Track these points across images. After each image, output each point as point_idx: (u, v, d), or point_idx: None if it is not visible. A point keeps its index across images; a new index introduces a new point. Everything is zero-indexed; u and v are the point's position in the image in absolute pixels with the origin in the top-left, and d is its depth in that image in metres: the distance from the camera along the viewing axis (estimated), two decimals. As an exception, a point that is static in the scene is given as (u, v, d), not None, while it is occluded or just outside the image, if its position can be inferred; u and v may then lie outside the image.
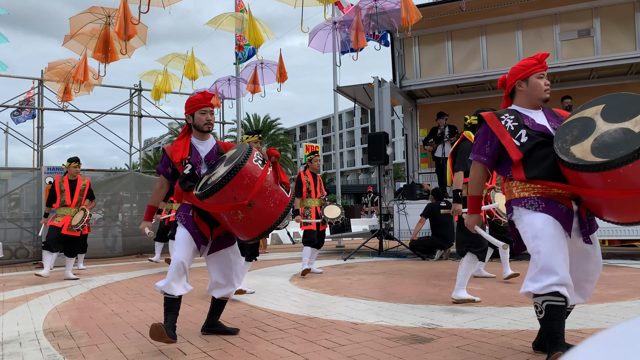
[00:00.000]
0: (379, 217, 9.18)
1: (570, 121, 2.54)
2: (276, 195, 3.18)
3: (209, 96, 3.49)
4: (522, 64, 2.83)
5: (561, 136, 2.49)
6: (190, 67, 11.20)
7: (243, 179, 3.05)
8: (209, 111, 3.45)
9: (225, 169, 3.11)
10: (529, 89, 2.79)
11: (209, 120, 3.44)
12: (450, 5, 9.04)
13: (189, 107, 3.45)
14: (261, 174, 3.12)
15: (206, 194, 3.07)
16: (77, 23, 8.89)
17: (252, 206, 3.07)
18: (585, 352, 0.56)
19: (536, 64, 2.79)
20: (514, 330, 3.43)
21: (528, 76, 2.79)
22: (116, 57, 8.67)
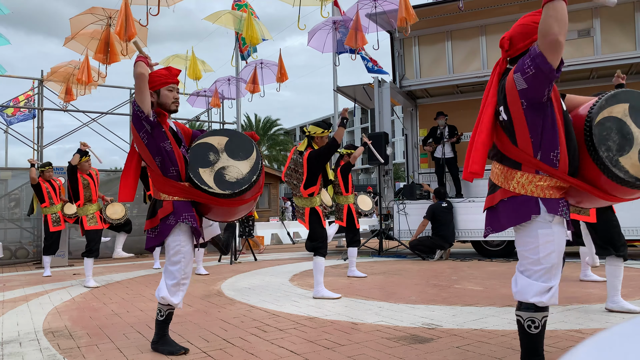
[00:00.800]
0: (379, 218, 9.18)
1: (603, 121, 2.30)
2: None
3: (176, 72, 3.17)
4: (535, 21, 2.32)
5: (603, 140, 2.27)
6: (192, 68, 11.21)
7: (263, 172, 3.19)
8: (176, 89, 3.16)
9: (246, 164, 3.12)
10: None
11: (176, 99, 3.14)
12: (450, 5, 9.04)
13: (154, 83, 3.04)
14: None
15: (241, 192, 3.06)
16: (78, 24, 8.90)
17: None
18: (585, 352, 0.56)
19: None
20: (514, 330, 3.43)
21: None
22: (117, 59, 8.68)
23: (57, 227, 7.53)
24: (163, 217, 3.03)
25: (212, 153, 3.15)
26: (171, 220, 3.02)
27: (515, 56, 2.39)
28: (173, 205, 3.03)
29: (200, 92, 12.56)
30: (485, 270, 6.74)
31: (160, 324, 3.18)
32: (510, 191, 2.36)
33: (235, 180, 3.08)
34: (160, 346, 3.14)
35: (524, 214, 2.31)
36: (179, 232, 3.06)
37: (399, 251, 9.16)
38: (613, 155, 2.25)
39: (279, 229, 13.40)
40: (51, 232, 7.45)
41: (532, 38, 2.32)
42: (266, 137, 40.40)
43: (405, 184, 9.96)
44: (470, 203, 8.17)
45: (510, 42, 2.39)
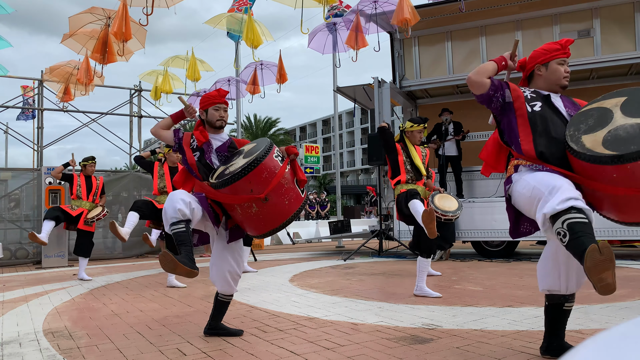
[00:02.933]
0: (379, 218, 9.18)
1: (588, 110, 2.46)
2: (292, 193, 3.18)
3: (224, 93, 3.60)
4: (544, 48, 2.76)
5: (575, 124, 2.42)
6: (192, 69, 11.21)
7: (262, 172, 3.06)
8: (223, 108, 3.56)
9: (244, 160, 3.12)
10: (547, 74, 2.73)
11: (222, 117, 3.54)
12: (450, 5, 9.04)
13: (204, 103, 3.56)
14: (280, 170, 3.13)
15: (224, 183, 3.07)
16: (77, 22, 8.90)
17: (267, 201, 3.07)
18: (585, 352, 0.56)
19: (559, 49, 2.72)
20: (514, 330, 3.43)
21: (549, 61, 2.72)
22: (114, 59, 8.67)
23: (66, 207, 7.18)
24: None
25: (237, 156, 3.34)
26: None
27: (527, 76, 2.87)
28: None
29: (200, 93, 12.56)
30: (486, 270, 6.74)
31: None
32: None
33: (227, 173, 3.14)
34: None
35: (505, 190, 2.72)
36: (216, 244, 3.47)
37: (399, 251, 9.16)
38: (578, 134, 2.33)
39: (279, 229, 13.38)
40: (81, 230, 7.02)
41: (536, 61, 2.76)
42: (266, 137, 40.45)
43: (405, 185, 9.94)
44: (471, 203, 8.17)
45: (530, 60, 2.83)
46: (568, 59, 2.74)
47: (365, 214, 20.95)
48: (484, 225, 7.93)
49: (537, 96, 2.67)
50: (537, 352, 2.90)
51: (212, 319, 3.62)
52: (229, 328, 3.65)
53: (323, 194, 22.73)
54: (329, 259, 8.90)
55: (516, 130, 2.62)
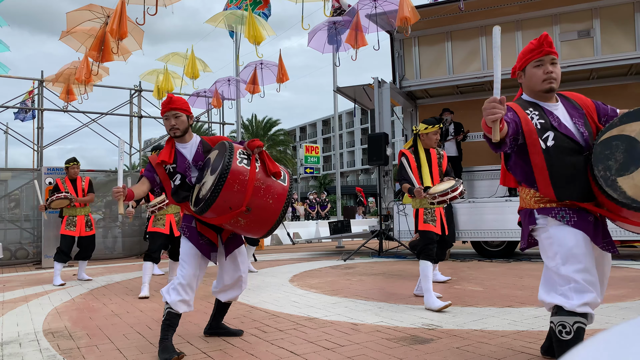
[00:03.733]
0: (379, 218, 9.17)
1: (610, 139, 2.19)
2: (272, 190, 3.00)
3: (166, 101, 3.28)
4: (522, 51, 2.47)
5: (602, 160, 2.16)
6: (190, 66, 11.19)
7: (232, 186, 2.85)
8: (172, 115, 3.23)
9: (211, 178, 2.95)
10: (526, 81, 2.45)
11: (173, 125, 3.23)
12: (450, 6, 9.04)
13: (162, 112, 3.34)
14: (250, 174, 2.91)
15: (201, 210, 2.93)
16: (75, 19, 8.88)
17: (250, 210, 2.91)
18: (585, 352, 0.56)
19: (532, 49, 2.39)
20: (514, 331, 3.43)
21: (525, 66, 2.44)
22: (111, 58, 8.65)
23: (69, 231, 6.75)
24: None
25: (206, 169, 3.17)
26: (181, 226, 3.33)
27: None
28: (183, 216, 3.33)
29: (200, 93, 12.56)
30: (485, 270, 6.74)
31: (161, 325, 3.16)
32: (521, 205, 2.55)
33: (201, 197, 2.99)
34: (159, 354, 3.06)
35: (525, 227, 2.48)
36: (182, 238, 3.28)
37: (399, 252, 9.16)
38: (610, 174, 2.14)
39: (279, 229, 13.39)
40: (61, 235, 6.76)
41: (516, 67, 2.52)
42: (266, 138, 40.43)
43: (405, 185, 9.95)
44: (471, 204, 8.16)
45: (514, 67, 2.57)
46: (549, 57, 2.37)
47: (359, 215, 20.94)
48: (484, 226, 7.93)
49: (545, 121, 2.34)
50: (537, 352, 2.90)
51: (213, 319, 3.62)
52: (229, 328, 3.66)
53: (323, 194, 22.72)
54: (329, 259, 8.90)
55: (531, 173, 2.35)
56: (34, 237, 9.85)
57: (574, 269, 2.23)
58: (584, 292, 2.21)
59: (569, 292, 2.23)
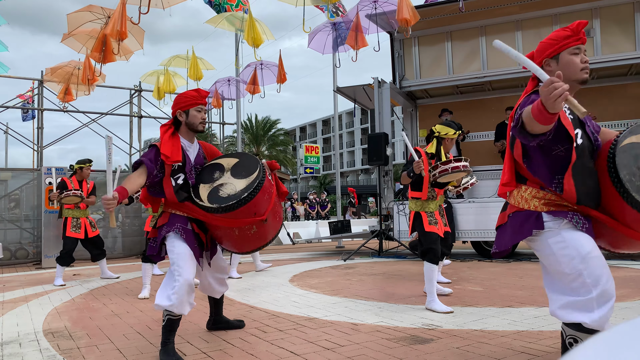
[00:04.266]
0: (379, 218, 9.17)
1: (630, 145, 2.10)
2: (279, 211, 3.22)
3: (205, 94, 3.27)
4: (551, 37, 2.23)
5: (627, 165, 2.07)
6: (193, 68, 11.21)
7: (264, 194, 3.02)
8: (204, 109, 3.25)
9: (243, 182, 3.00)
10: (560, 68, 2.18)
11: (204, 119, 3.25)
12: (450, 6, 9.05)
13: (184, 103, 3.15)
14: (273, 190, 3.11)
15: (228, 208, 2.90)
16: (76, 21, 8.89)
17: (266, 222, 3.07)
18: (586, 352, 0.56)
19: (569, 35, 2.17)
20: (514, 331, 3.43)
21: (558, 52, 2.19)
22: (113, 58, 8.67)
23: (74, 234, 6.69)
24: (159, 226, 3.13)
25: (218, 172, 3.18)
26: (164, 230, 3.08)
27: None
28: (169, 216, 3.12)
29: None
30: (485, 270, 6.74)
31: (162, 330, 3.07)
32: (514, 206, 2.29)
33: (226, 196, 2.98)
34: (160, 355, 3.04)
35: (526, 230, 2.21)
36: (172, 240, 3.06)
37: (398, 252, 9.16)
38: (636, 180, 2.04)
39: (279, 229, 13.38)
40: (68, 237, 6.65)
41: (544, 55, 2.24)
42: (266, 138, 40.43)
43: (405, 185, 9.95)
44: (470, 203, 8.16)
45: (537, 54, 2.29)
46: (584, 47, 2.19)
47: (351, 216, 20.95)
48: (484, 225, 7.92)
49: (574, 117, 2.17)
50: (537, 352, 2.90)
51: (213, 314, 3.71)
52: (231, 320, 3.75)
53: (323, 194, 22.71)
54: (329, 259, 8.90)
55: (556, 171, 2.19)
56: (34, 237, 9.85)
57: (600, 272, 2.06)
58: (608, 300, 2.03)
59: (590, 302, 2.03)
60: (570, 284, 2.09)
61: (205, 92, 3.29)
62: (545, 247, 2.20)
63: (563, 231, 2.14)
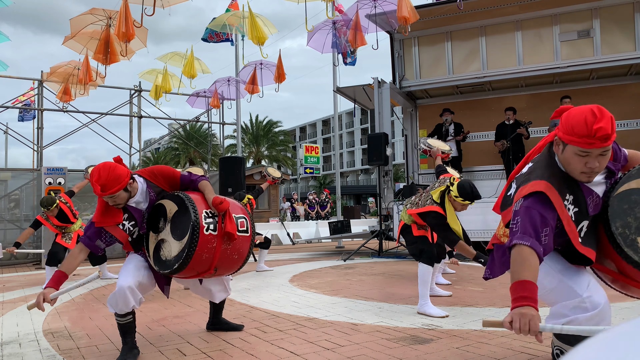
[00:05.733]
0: (379, 218, 9.17)
1: (628, 192, 2.00)
2: (237, 246, 3.03)
3: (97, 189, 2.80)
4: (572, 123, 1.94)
5: (620, 216, 1.97)
6: (189, 65, 11.20)
7: (201, 256, 2.86)
8: (109, 198, 2.85)
9: (176, 247, 2.87)
10: (562, 158, 2.04)
11: (116, 203, 2.88)
12: (449, 6, 9.04)
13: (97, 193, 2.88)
14: (217, 242, 2.90)
15: (166, 274, 2.97)
16: (78, 24, 8.91)
17: (217, 270, 3.03)
18: (586, 352, 0.56)
19: (583, 135, 1.90)
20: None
21: (567, 143, 1.99)
22: (116, 59, 8.68)
23: (65, 243, 6.55)
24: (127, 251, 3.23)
25: (162, 220, 3.02)
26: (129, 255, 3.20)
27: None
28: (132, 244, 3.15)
29: (200, 93, 12.56)
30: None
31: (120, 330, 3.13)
32: (496, 237, 2.37)
33: (164, 259, 2.92)
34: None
35: (506, 263, 2.20)
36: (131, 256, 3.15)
37: (398, 252, 9.16)
38: (630, 233, 1.93)
39: (279, 229, 13.39)
40: (56, 242, 6.58)
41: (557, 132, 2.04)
42: (266, 138, 40.42)
43: (405, 185, 9.96)
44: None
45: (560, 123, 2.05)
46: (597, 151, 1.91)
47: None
48: (484, 226, 7.93)
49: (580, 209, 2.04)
50: (537, 352, 2.90)
51: (212, 315, 3.72)
52: (230, 323, 3.74)
53: (323, 194, 22.71)
54: (329, 259, 8.90)
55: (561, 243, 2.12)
56: (33, 238, 9.84)
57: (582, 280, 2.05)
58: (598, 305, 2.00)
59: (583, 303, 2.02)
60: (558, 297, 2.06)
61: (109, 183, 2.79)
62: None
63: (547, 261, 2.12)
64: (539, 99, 9.73)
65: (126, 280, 2.93)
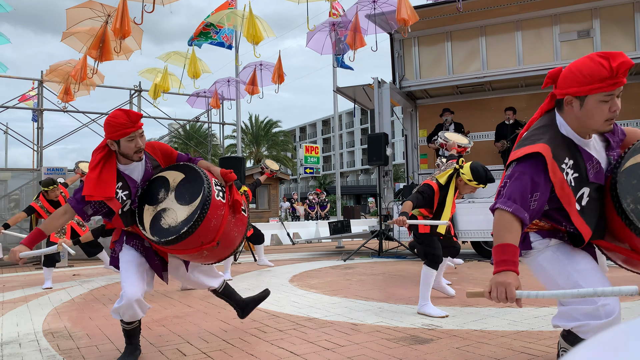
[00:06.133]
0: (379, 218, 9.17)
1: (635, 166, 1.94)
2: (238, 222, 2.99)
3: (136, 118, 2.79)
4: (584, 72, 1.86)
5: (630, 190, 1.91)
6: (192, 66, 11.21)
7: (210, 222, 2.76)
8: (139, 134, 2.79)
9: (185, 211, 2.76)
10: (581, 113, 1.91)
11: (140, 148, 2.82)
12: (449, 6, 9.05)
13: (111, 133, 2.76)
14: (225, 210, 2.84)
15: (168, 242, 2.74)
16: (75, 17, 8.83)
17: (219, 244, 2.87)
18: (586, 351, 0.56)
19: (606, 78, 1.81)
20: (513, 331, 3.43)
21: (586, 94, 1.87)
22: (110, 57, 8.63)
23: (58, 239, 6.38)
24: (113, 241, 3.08)
25: (163, 190, 2.93)
26: (117, 247, 3.03)
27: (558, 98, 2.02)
28: (121, 233, 3.03)
29: (200, 93, 12.57)
30: (485, 270, 6.74)
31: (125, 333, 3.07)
32: None
33: (167, 227, 2.77)
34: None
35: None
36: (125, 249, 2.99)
37: (398, 252, 9.16)
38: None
39: (279, 229, 13.39)
40: (50, 241, 6.42)
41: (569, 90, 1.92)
42: (266, 138, 40.43)
43: (405, 185, 9.96)
44: (470, 204, 8.17)
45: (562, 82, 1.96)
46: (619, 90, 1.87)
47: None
48: (484, 225, 7.92)
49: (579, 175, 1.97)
50: (537, 352, 2.90)
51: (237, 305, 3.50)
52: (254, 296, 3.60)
53: (323, 194, 22.72)
54: (329, 259, 8.90)
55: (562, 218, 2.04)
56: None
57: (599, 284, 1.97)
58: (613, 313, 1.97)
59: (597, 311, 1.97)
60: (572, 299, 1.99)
61: (137, 115, 2.82)
62: (536, 266, 2.16)
63: (552, 247, 2.09)
64: (539, 99, 9.72)
65: (132, 291, 2.81)
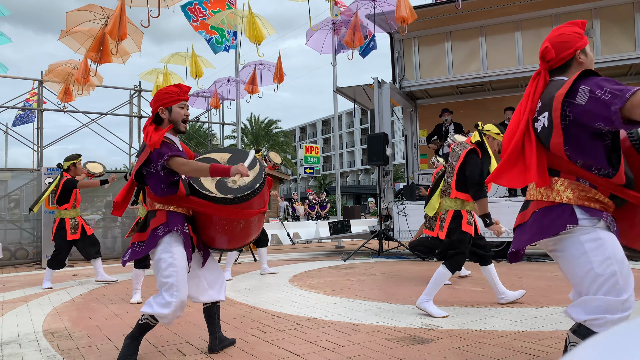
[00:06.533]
0: (379, 218, 9.17)
1: None
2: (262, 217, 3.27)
3: (186, 89, 3.08)
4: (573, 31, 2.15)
5: None
6: (194, 66, 11.21)
7: (268, 185, 3.14)
8: (187, 106, 3.09)
9: (251, 173, 2.98)
10: (590, 60, 2.16)
11: (187, 116, 3.07)
12: (449, 6, 9.05)
13: (167, 99, 2.95)
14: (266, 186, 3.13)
15: (244, 198, 2.91)
16: (75, 19, 8.88)
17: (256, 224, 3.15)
18: (585, 352, 0.56)
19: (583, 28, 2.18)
20: (513, 331, 3.42)
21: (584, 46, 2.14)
22: (109, 59, 8.64)
23: (74, 235, 6.26)
24: (154, 227, 2.86)
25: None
26: (160, 230, 2.85)
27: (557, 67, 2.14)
28: (166, 215, 2.88)
29: (200, 93, 12.56)
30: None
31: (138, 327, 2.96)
32: (544, 201, 2.09)
33: (238, 187, 2.90)
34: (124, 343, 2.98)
35: (558, 225, 2.02)
36: (171, 244, 2.85)
37: (398, 252, 9.16)
38: None
39: (279, 229, 13.40)
40: (68, 241, 6.23)
41: (575, 46, 2.10)
42: (266, 138, 40.44)
43: (405, 185, 9.96)
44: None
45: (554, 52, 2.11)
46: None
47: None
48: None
49: None
50: (537, 352, 2.90)
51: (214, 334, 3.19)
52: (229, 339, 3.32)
53: (323, 194, 22.72)
54: (329, 259, 8.90)
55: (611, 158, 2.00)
56: (33, 238, 9.85)
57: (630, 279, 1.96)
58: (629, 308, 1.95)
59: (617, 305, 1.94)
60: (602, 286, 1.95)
61: (187, 87, 3.09)
62: (575, 246, 2.02)
63: (599, 230, 2.00)
64: (539, 99, 9.73)
65: (185, 293, 2.87)
